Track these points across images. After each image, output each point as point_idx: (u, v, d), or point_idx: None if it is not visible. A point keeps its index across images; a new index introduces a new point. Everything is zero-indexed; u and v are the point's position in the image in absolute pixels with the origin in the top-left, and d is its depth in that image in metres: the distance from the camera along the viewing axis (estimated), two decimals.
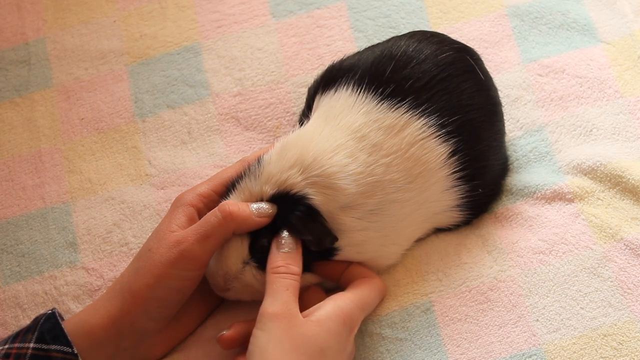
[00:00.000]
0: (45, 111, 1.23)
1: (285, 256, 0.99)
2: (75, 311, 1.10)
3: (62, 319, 1.01)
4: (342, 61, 1.12)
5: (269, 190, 1.01)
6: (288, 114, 1.20)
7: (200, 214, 1.03)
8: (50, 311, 1.01)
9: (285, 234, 1.00)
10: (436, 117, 1.04)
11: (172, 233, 1.01)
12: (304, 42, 1.24)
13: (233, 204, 1.00)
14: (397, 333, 1.06)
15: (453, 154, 1.05)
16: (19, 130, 1.23)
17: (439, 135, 1.05)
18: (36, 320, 1.01)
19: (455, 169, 1.05)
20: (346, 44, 1.24)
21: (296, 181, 1.00)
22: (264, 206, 1.01)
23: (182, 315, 1.05)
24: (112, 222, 1.16)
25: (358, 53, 1.13)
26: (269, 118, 1.21)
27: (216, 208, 1.00)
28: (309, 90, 1.14)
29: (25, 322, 1.04)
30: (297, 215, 1.00)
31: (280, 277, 0.97)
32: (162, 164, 1.19)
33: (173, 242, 1.00)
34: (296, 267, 0.99)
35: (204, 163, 1.19)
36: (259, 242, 1.02)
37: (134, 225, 1.16)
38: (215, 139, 1.20)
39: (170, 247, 1.00)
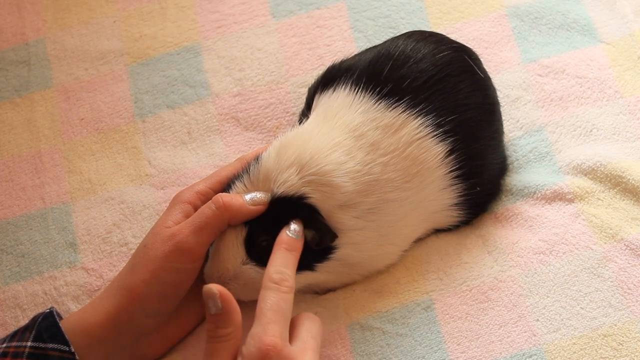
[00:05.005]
0: (45, 111, 1.24)
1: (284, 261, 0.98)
2: (74, 311, 1.10)
3: (60, 318, 1.01)
4: (342, 61, 1.12)
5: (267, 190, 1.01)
6: (288, 114, 1.20)
7: None
8: (48, 310, 1.01)
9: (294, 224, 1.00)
10: (433, 116, 1.05)
11: (167, 228, 1.01)
12: (304, 42, 1.24)
13: (226, 195, 1.01)
14: (398, 328, 1.06)
15: (450, 153, 1.05)
16: (19, 131, 1.23)
17: (436, 135, 1.05)
18: (34, 319, 1.01)
19: (453, 168, 1.06)
20: (346, 44, 1.24)
21: (293, 181, 1.00)
22: (258, 195, 1.01)
23: (180, 314, 1.05)
24: (112, 222, 1.17)
25: (359, 54, 1.13)
26: (268, 118, 1.21)
27: (210, 200, 1.01)
28: (309, 90, 1.14)
29: (25, 322, 1.04)
30: (297, 218, 1.00)
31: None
32: (161, 164, 1.19)
33: (168, 235, 1.00)
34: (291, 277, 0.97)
35: (203, 163, 1.19)
36: (257, 242, 1.02)
37: (133, 225, 1.16)
38: (215, 139, 1.20)
39: (165, 241, 1.00)
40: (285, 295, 0.94)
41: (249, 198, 1.01)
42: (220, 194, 1.01)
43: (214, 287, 0.92)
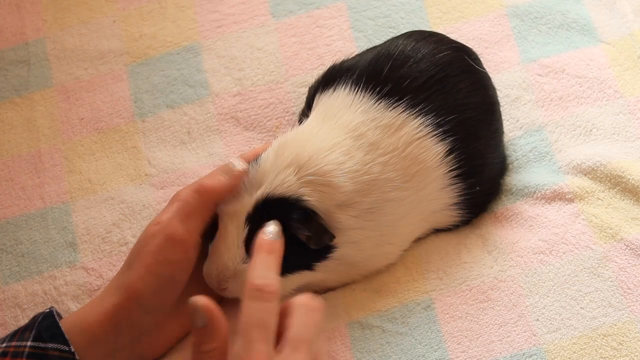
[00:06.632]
0: (45, 111, 1.24)
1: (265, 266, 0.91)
2: (74, 311, 1.10)
3: (60, 318, 1.01)
4: (342, 61, 1.12)
5: (265, 190, 1.01)
6: (288, 114, 1.20)
7: None
8: (48, 310, 1.01)
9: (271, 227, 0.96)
10: (433, 116, 1.04)
11: (158, 224, 1.02)
12: (304, 42, 1.24)
13: (205, 177, 1.02)
14: (398, 327, 1.06)
15: (450, 152, 1.05)
16: (19, 130, 1.23)
17: (436, 134, 1.05)
18: (34, 319, 1.01)
19: (452, 168, 1.06)
20: (346, 44, 1.24)
21: (291, 182, 1.00)
22: (231, 162, 1.02)
23: (180, 313, 1.05)
24: (112, 222, 1.17)
25: (359, 54, 1.13)
26: (268, 118, 1.21)
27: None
28: (310, 89, 1.14)
29: (25, 322, 1.04)
30: (294, 218, 1.00)
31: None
32: (161, 163, 1.19)
33: (158, 230, 1.01)
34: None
35: (203, 163, 1.19)
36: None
37: (133, 225, 1.16)
38: (215, 138, 1.20)
39: (155, 235, 1.01)
40: (269, 305, 0.87)
41: (225, 172, 1.02)
42: (201, 178, 1.02)
43: (198, 301, 0.87)
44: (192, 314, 0.88)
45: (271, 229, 0.95)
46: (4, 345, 0.98)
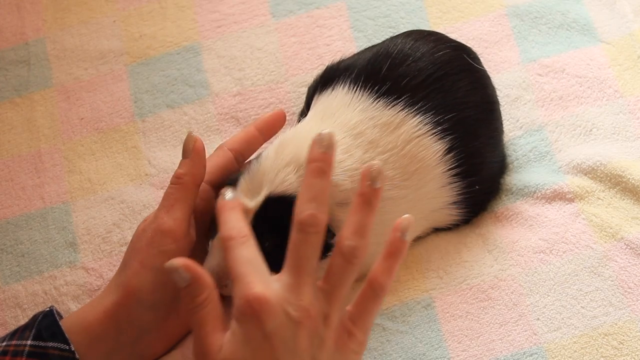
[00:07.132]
0: (45, 111, 1.24)
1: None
2: (74, 311, 1.10)
3: (61, 317, 1.02)
4: (340, 61, 1.12)
5: (265, 190, 1.01)
6: (288, 114, 1.20)
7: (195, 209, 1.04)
8: (48, 309, 1.02)
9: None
10: (432, 114, 1.04)
11: (146, 221, 1.03)
12: (304, 42, 1.24)
13: (179, 167, 1.03)
14: (398, 326, 1.06)
15: (449, 151, 1.05)
16: (19, 130, 1.23)
17: (435, 133, 1.05)
18: (34, 318, 1.01)
19: (451, 166, 1.06)
20: (346, 43, 1.24)
21: (291, 180, 1.00)
22: (188, 140, 1.03)
23: (180, 311, 1.05)
24: (112, 222, 1.17)
25: (357, 53, 1.13)
26: None
27: None
28: (309, 89, 1.14)
29: (25, 322, 1.04)
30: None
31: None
32: (161, 163, 1.19)
33: (146, 225, 1.02)
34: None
35: None
36: (259, 241, 1.01)
37: (133, 225, 1.16)
38: (215, 138, 1.20)
39: (145, 230, 1.02)
40: (247, 245, 0.92)
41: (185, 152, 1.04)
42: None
43: (174, 261, 0.91)
44: (172, 277, 0.91)
45: (228, 192, 0.97)
46: (4, 344, 0.98)
